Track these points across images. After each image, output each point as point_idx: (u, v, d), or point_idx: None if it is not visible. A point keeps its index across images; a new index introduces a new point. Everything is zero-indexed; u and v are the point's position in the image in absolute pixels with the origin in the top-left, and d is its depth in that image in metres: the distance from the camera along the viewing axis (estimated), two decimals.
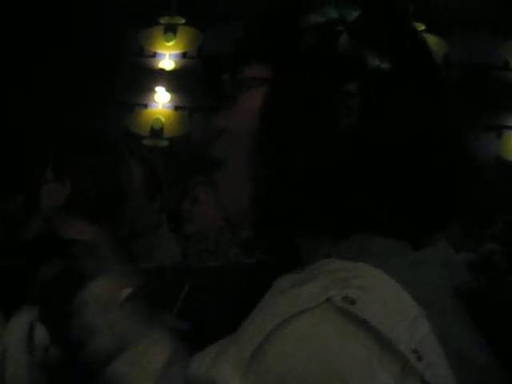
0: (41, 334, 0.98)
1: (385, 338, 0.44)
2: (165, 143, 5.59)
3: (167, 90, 5.66)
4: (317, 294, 0.46)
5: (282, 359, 0.45)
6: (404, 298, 0.48)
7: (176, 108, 5.72)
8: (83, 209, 1.49)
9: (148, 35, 5.86)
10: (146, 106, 5.77)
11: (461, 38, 5.25)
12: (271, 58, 0.58)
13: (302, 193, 0.54)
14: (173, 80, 5.65)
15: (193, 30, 5.77)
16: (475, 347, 0.52)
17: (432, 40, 5.30)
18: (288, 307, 0.46)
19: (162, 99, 5.70)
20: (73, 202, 1.49)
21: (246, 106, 0.59)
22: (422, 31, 5.29)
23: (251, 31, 0.64)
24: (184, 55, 5.81)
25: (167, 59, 5.78)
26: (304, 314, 0.45)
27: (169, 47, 5.83)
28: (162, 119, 5.64)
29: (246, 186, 0.57)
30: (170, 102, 5.70)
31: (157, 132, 5.62)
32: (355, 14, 0.56)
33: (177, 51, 5.82)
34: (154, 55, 5.87)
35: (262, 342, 0.45)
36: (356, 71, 0.54)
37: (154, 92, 5.68)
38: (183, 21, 5.80)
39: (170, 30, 5.81)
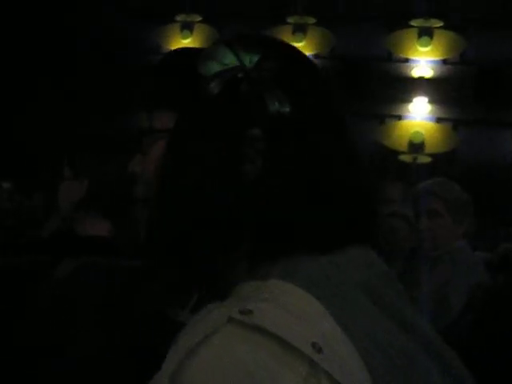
0: None
1: (283, 340, 0.46)
2: None
3: None
4: (221, 317, 0.49)
5: (194, 382, 0.46)
6: (307, 301, 0.50)
7: None
8: (100, 206, 1.51)
9: (164, 33, 5.88)
10: None
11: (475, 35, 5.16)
12: (175, 107, 0.61)
13: (201, 232, 0.57)
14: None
15: (209, 27, 5.78)
16: (386, 335, 0.53)
17: (449, 36, 5.26)
18: (196, 334, 0.48)
19: None
20: (90, 199, 1.51)
21: (155, 152, 0.63)
22: (439, 28, 5.27)
23: (157, 80, 0.67)
24: None
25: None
26: (210, 338, 0.47)
27: (185, 45, 5.83)
28: None
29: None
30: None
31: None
32: (255, 58, 0.58)
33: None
34: None
35: (174, 372, 0.47)
36: (258, 116, 0.56)
37: None
38: (200, 18, 5.81)
39: (187, 28, 5.82)
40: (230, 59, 0.58)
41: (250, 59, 0.58)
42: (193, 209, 0.57)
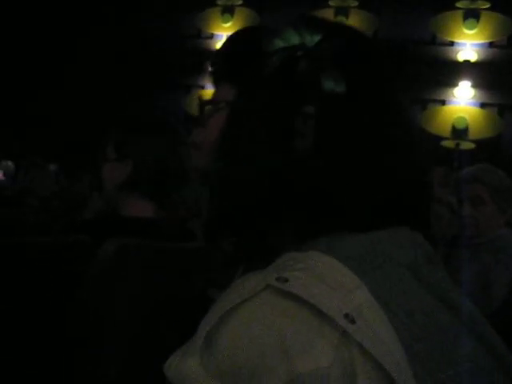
0: None
1: (318, 309, 0.47)
2: None
3: None
4: (259, 283, 0.50)
5: (228, 346, 0.49)
6: (343, 273, 0.51)
7: None
8: (144, 187, 1.53)
9: (205, 17, 5.88)
10: (203, 87, 5.81)
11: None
12: (236, 80, 0.64)
13: (254, 203, 0.59)
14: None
15: (250, 11, 5.75)
16: (425, 312, 0.54)
17: (496, 18, 5.11)
18: (233, 298, 0.50)
19: None
20: (134, 181, 1.52)
21: (214, 124, 0.66)
22: (485, 9, 5.12)
23: (220, 54, 0.70)
24: None
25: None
26: (246, 303, 0.49)
27: (226, 28, 5.83)
28: None
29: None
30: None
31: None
32: (316, 38, 0.60)
33: None
34: (212, 36, 5.90)
35: (211, 330, 0.50)
36: (312, 94, 0.58)
37: None
38: (240, 2, 5.79)
39: (228, 12, 5.81)
40: (292, 38, 0.60)
41: (311, 39, 0.60)
42: (246, 179, 0.59)
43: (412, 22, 5.17)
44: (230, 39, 0.71)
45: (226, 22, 5.82)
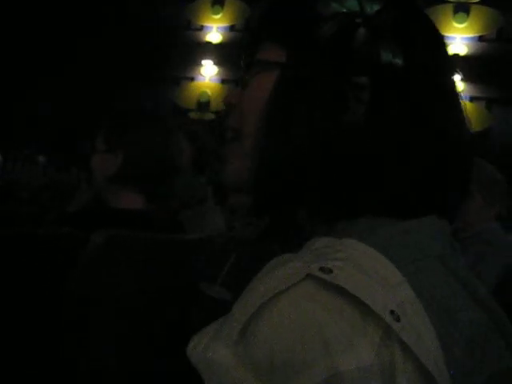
0: None
1: (362, 304, 0.45)
2: (211, 116, 5.56)
3: (214, 64, 5.67)
4: (298, 271, 0.47)
5: (266, 338, 0.46)
6: (386, 267, 0.49)
7: (223, 81, 5.71)
8: (134, 179, 1.52)
9: (195, 8, 5.85)
10: (192, 79, 5.80)
11: None
12: (286, 42, 0.59)
13: (298, 177, 0.56)
14: (220, 53, 5.63)
15: (240, 2, 5.73)
16: (465, 309, 0.53)
17: (486, 12, 5.12)
18: (272, 287, 0.47)
19: (208, 72, 5.71)
20: (124, 173, 1.52)
21: (257, 86, 0.61)
22: (475, 3, 5.13)
23: (269, 11, 0.64)
24: (231, 28, 5.79)
25: (214, 32, 5.78)
26: (286, 293, 0.47)
27: (216, 20, 5.81)
28: (209, 92, 5.66)
29: (249, 163, 0.59)
30: (216, 75, 5.71)
31: (203, 105, 5.63)
32: (376, 7, 0.57)
33: (224, 24, 5.80)
34: (201, 28, 5.87)
35: (247, 322, 0.47)
36: (369, 65, 0.55)
37: (201, 65, 5.70)
38: None
39: (218, 3, 5.78)
40: (351, 3, 0.57)
41: (371, 7, 0.57)
42: (291, 149, 0.56)
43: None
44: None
45: (216, 14, 5.79)
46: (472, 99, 5.12)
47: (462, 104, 0.62)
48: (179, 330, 1.33)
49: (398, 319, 0.45)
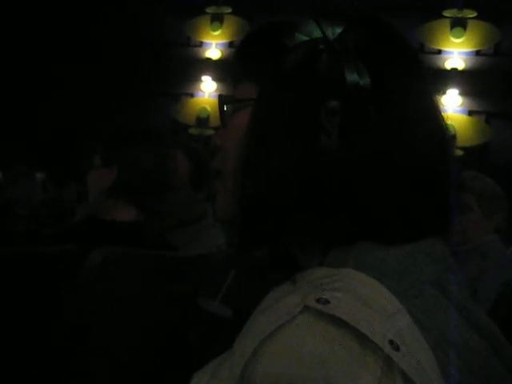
0: None
1: (361, 334, 0.45)
2: (211, 132, 5.56)
3: (213, 80, 5.69)
4: (296, 304, 0.47)
5: (268, 374, 0.45)
6: (383, 295, 0.49)
7: None
8: (128, 193, 1.53)
9: (195, 25, 5.89)
10: (192, 95, 5.82)
11: None
12: (258, 78, 0.61)
13: (281, 208, 0.56)
14: (219, 69, 5.65)
15: (239, 19, 5.77)
16: (462, 335, 0.52)
17: (483, 27, 5.15)
18: (271, 322, 0.47)
19: (208, 88, 5.73)
20: (119, 187, 1.52)
21: (235, 124, 0.63)
22: (472, 18, 5.16)
23: (239, 52, 0.67)
24: (230, 44, 5.81)
25: (213, 49, 5.81)
26: (285, 327, 0.46)
27: (215, 36, 5.84)
28: (208, 108, 5.67)
29: (231, 200, 0.60)
30: (216, 91, 5.73)
31: (203, 121, 5.64)
32: (338, 31, 0.57)
33: (223, 40, 5.83)
34: (201, 45, 5.90)
35: (249, 359, 0.46)
36: (335, 88, 0.55)
37: (201, 81, 5.72)
38: (229, 10, 5.81)
39: (217, 20, 5.82)
40: (314, 31, 0.58)
41: (333, 31, 0.57)
42: (268, 180, 0.56)
43: (399, 30, 5.20)
44: (248, 36, 0.68)
45: (215, 31, 5.82)
46: (471, 113, 5.13)
47: (443, 116, 0.61)
48: (177, 347, 1.33)
49: (397, 348, 0.45)
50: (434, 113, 0.60)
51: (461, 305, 0.55)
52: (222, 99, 0.66)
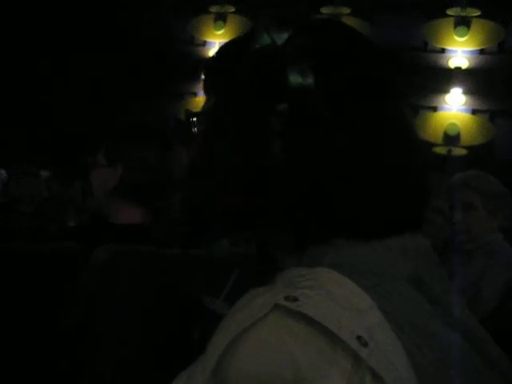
0: None
1: (329, 331, 0.45)
2: None
3: None
4: (267, 303, 0.48)
5: (238, 372, 0.46)
6: (354, 292, 0.49)
7: None
8: (132, 193, 1.53)
9: (198, 24, 5.89)
10: (195, 94, 5.82)
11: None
12: (214, 89, 0.65)
13: (242, 208, 0.58)
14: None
15: (242, 18, 5.76)
16: (434, 329, 0.52)
17: (487, 26, 5.14)
18: (242, 321, 0.48)
19: None
20: (123, 186, 1.52)
21: (198, 134, 0.66)
22: (476, 17, 5.15)
23: (205, 67, 0.70)
24: None
25: (217, 48, 5.79)
26: (255, 325, 0.47)
27: (218, 36, 5.84)
28: None
29: None
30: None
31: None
32: (284, 37, 0.59)
33: (226, 40, 5.81)
34: (204, 44, 5.91)
35: (220, 357, 0.47)
36: (281, 91, 0.57)
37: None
38: (233, 9, 5.81)
39: (220, 19, 5.82)
40: (264, 38, 0.60)
41: (280, 37, 0.59)
42: (227, 183, 0.59)
43: (403, 29, 5.20)
44: (217, 52, 0.71)
45: (218, 30, 5.82)
46: (475, 112, 5.12)
47: (407, 111, 0.62)
48: (181, 346, 1.33)
49: (365, 344, 0.45)
50: (397, 109, 0.61)
51: (437, 300, 0.55)
52: (187, 113, 0.70)
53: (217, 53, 0.70)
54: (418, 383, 0.48)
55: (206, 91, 0.68)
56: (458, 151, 5.02)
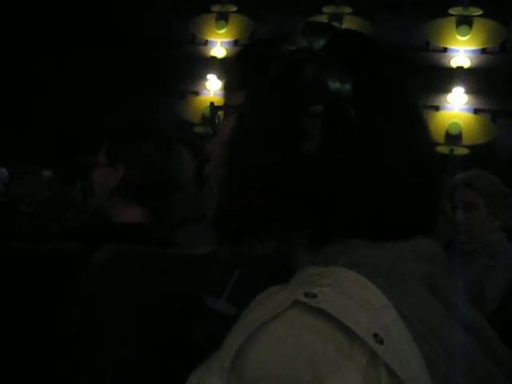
0: None
1: (347, 327, 0.46)
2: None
3: (219, 78, 5.68)
4: (285, 299, 0.49)
5: (257, 365, 0.48)
6: (370, 291, 0.51)
7: None
8: (134, 193, 1.53)
9: (200, 23, 5.89)
10: (197, 93, 5.82)
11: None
12: (245, 86, 0.65)
13: (268, 206, 0.59)
14: (224, 68, 5.64)
15: (244, 17, 5.76)
16: (447, 329, 0.53)
17: (489, 25, 5.14)
18: (260, 316, 0.49)
19: (213, 87, 5.73)
20: (124, 186, 1.52)
21: (223, 130, 0.66)
22: (478, 16, 5.15)
23: (233, 63, 0.71)
24: (235, 43, 5.81)
25: (219, 47, 5.80)
26: (274, 321, 0.48)
27: (220, 35, 5.84)
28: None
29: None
30: (221, 89, 5.72)
31: (207, 119, 5.62)
32: (322, 42, 0.61)
33: (228, 39, 5.83)
34: (206, 43, 5.91)
35: (238, 351, 0.48)
36: (319, 94, 0.58)
37: (206, 80, 5.72)
38: (235, 8, 5.80)
39: (222, 18, 5.82)
40: (301, 42, 0.61)
41: (318, 42, 0.61)
42: (256, 182, 0.59)
43: (405, 28, 5.19)
44: (244, 48, 0.72)
45: (220, 29, 5.82)
46: (477, 111, 5.12)
47: (424, 117, 0.64)
48: (181, 346, 1.32)
49: (381, 342, 0.46)
50: (419, 116, 0.63)
51: (449, 301, 0.56)
52: (213, 107, 0.70)
53: (244, 51, 0.70)
54: (432, 382, 0.49)
55: (231, 88, 0.68)
56: (460, 151, 5.01)
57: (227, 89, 0.70)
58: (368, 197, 0.57)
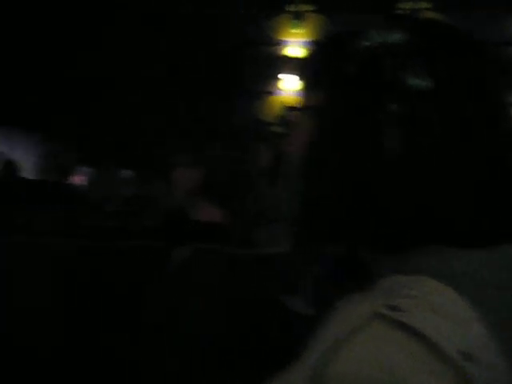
0: None
1: (431, 343, 0.44)
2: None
3: (293, 78, 5.68)
4: (367, 311, 0.47)
5: (339, 378, 0.45)
6: (456, 303, 0.48)
7: None
8: (214, 193, 1.54)
9: (275, 23, 5.91)
10: (272, 93, 5.84)
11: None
12: (322, 85, 0.62)
13: (348, 208, 0.57)
14: (299, 67, 5.62)
15: (320, 17, 5.73)
16: None
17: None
18: (341, 329, 0.47)
19: (288, 86, 5.72)
20: (204, 186, 1.54)
21: (300, 130, 0.64)
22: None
23: (309, 62, 0.69)
24: (311, 42, 5.78)
25: (294, 47, 5.79)
26: (356, 333, 0.46)
27: (296, 35, 5.84)
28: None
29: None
30: (295, 89, 5.70)
31: (283, 120, 5.63)
32: (397, 37, 0.58)
33: (304, 39, 5.81)
34: (281, 43, 5.91)
35: (318, 365, 0.47)
36: (397, 91, 0.55)
37: (281, 79, 5.72)
38: (311, 8, 5.78)
39: (297, 18, 5.81)
40: (374, 37, 0.59)
41: (392, 37, 0.58)
42: (335, 185, 0.58)
43: (489, 22, 5.01)
44: (319, 47, 0.70)
45: (295, 28, 5.82)
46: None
47: (506, 115, 0.59)
48: (260, 346, 1.32)
49: (468, 358, 0.44)
50: (502, 114, 0.59)
51: None
52: (289, 107, 0.68)
53: (319, 49, 0.68)
54: None
55: (309, 88, 0.67)
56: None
57: (304, 89, 0.68)
58: (454, 199, 0.54)
